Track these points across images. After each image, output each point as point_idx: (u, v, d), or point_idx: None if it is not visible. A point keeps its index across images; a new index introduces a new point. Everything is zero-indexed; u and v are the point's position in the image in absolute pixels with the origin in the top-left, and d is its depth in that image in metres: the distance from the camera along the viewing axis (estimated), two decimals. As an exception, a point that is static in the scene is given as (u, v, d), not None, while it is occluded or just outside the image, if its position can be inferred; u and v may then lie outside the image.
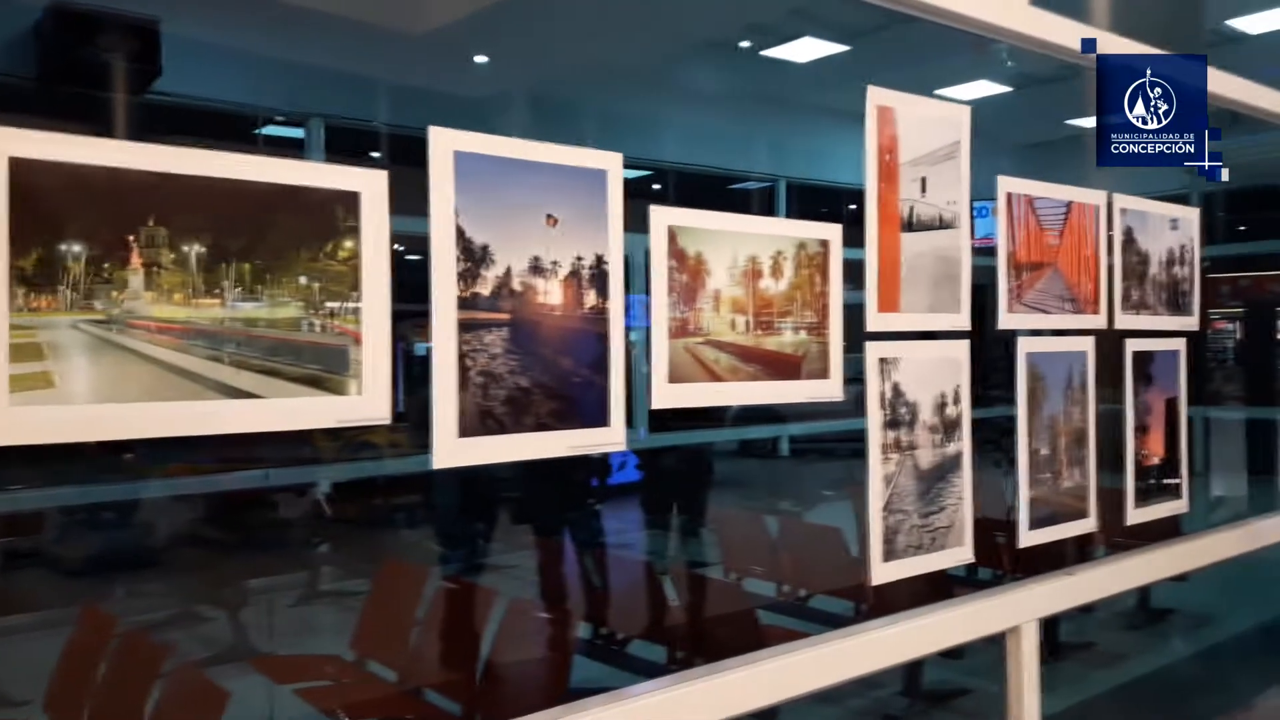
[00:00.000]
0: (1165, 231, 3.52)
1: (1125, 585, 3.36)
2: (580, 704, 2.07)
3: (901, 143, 2.70)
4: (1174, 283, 3.54)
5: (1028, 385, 3.02)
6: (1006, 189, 2.98)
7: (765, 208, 10.92)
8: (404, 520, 5.88)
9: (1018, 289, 3.00)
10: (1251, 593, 4.81)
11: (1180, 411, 3.56)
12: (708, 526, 4.91)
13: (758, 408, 8.47)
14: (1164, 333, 3.50)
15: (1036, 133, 9.95)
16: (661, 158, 11.18)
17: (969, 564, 3.82)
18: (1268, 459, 4.73)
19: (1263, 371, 6.68)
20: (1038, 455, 3.06)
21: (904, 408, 2.70)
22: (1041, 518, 3.05)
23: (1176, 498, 3.52)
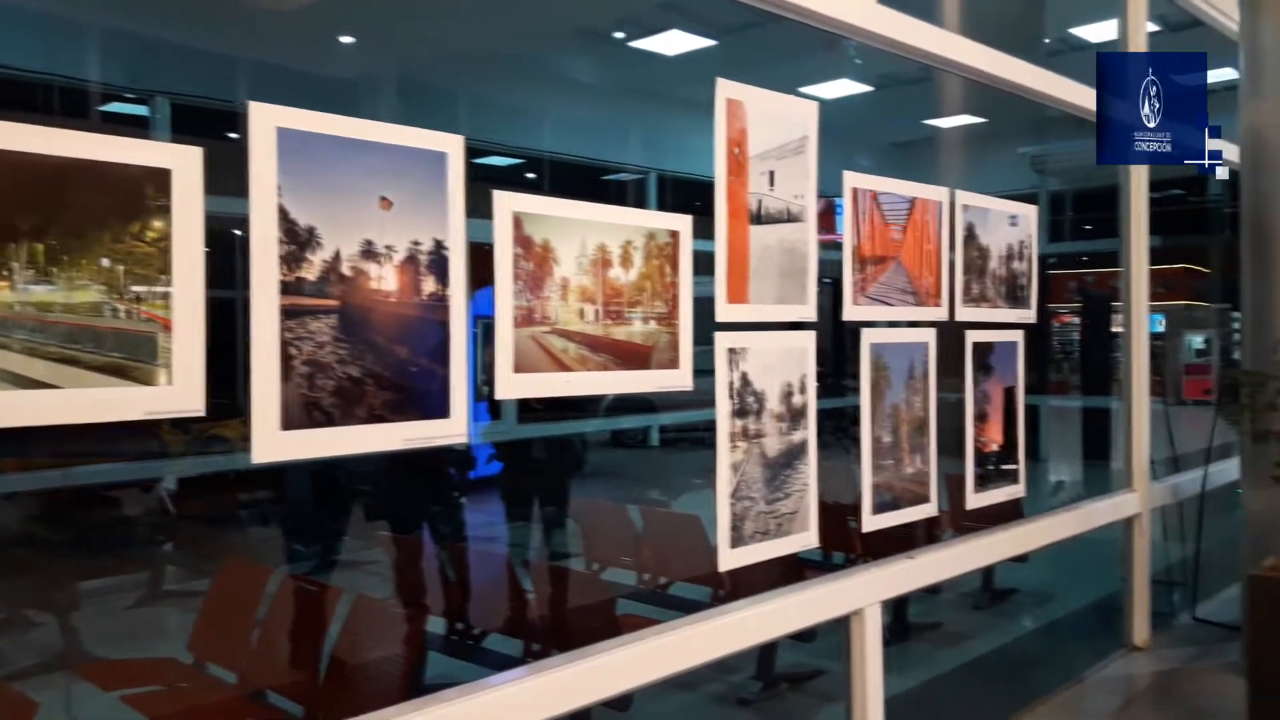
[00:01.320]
0: (1005, 227, 3.68)
1: (965, 567, 3.50)
2: (429, 699, 2.02)
3: (751, 136, 2.73)
4: (1013, 277, 3.71)
5: (871, 375, 3.11)
6: (852, 184, 3.05)
7: (638, 199, 10.97)
8: (256, 516, 5.66)
9: (862, 282, 3.08)
10: (1087, 571, 5.11)
11: (1018, 400, 3.73)
12: (571, 517, 4.90)
13: (630, 397, 8.50)
14: (1003, 325, 3.66)
15: (901, 132, 10.31)
16: (536, 146, 11.08)
17: (830, 549, 3.96)
18: (1103, 445, 5.02)
19: (1100, 363, 7.09)
20: (881, 443, 3.15)
21: (752, 397, 2.73)
22: (884, 503, 3.15)
23: (1014, 483, 3.69)
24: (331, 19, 7.74)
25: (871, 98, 10.62)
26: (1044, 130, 9.10)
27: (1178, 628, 4.69)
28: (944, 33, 3.49)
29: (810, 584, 2.90)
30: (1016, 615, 4.99)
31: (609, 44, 9.49)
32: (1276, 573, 3.41)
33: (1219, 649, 4.28)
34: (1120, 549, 4.42)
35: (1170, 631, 4.62)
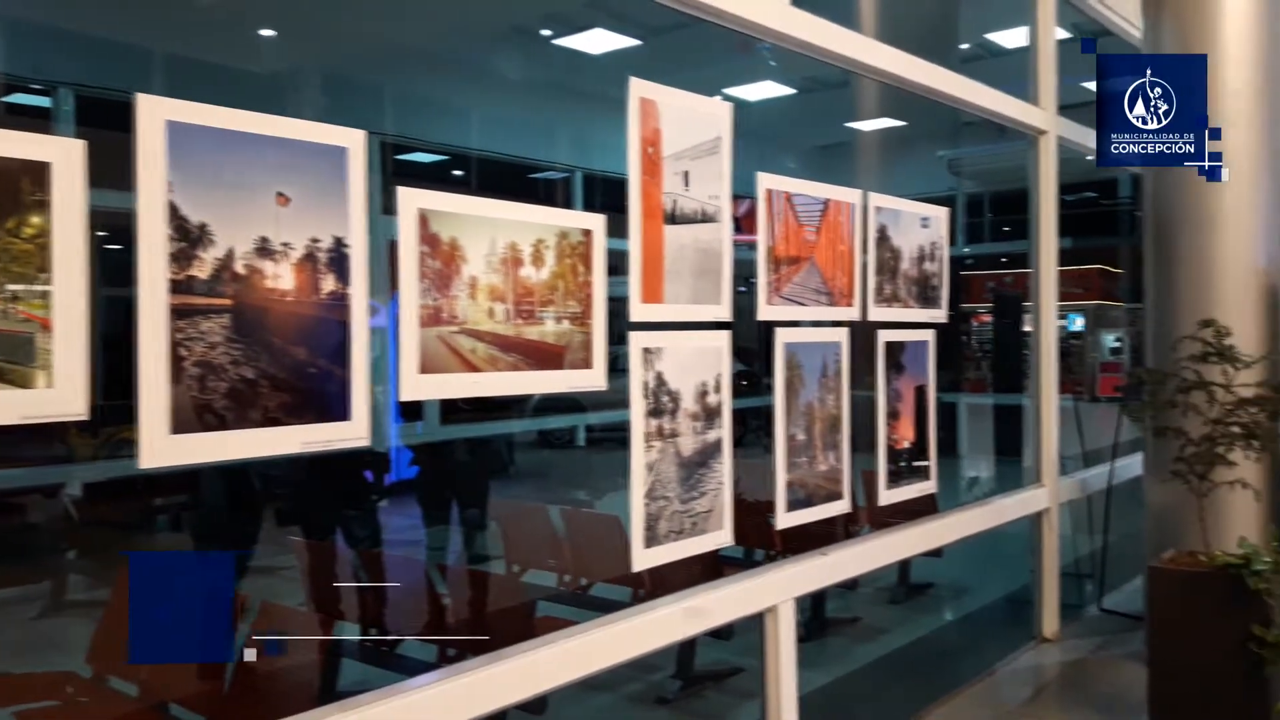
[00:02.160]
0: (917, 229, 3.75)
1: (878, 563, 3.56)
2: (342, 704, 1.99)
3: (665, 136, 2.73)
4: (924, 277, 3.78)
5: (785, 374, 3.14)
6: (766, 185, 3.07)
7: (565, 198, 10.93)
8: (167, 522, 5.49)
9: (776, 282, 3.11)
10: (1001, 565, 5.23)
11: (929, 398, 3.80)
12: (492, 520, 4.85)
13: (557, 397, 8.46)
14: (914, 324, 3.73)
15: (826, 135, 10.43)
16: (463, 144, 10.96)
17: (751, 546, 3.99)
18: (1016, 442, 5.15)
19: (1012, 361, 7.28)
20: (795, 441, 3.18)
21: (666, 396, 2.73)
22: (798, 500, 3.18)
23: (925, 479, 3.76)
24: (252, 12, 7.56)
25: (797, 101, 10.74)
26: (961, 134, 9.32)
27: (1086, 619, 4.83)
28: (859, 37, 3.54)
29: (725, 581, 2.92)
30: (932, 609, 5.09)
31: (536, 41, 9.44)
32: (1175, 565, 3.54)
33: (1124, 639, 4.43)
34: (1030, 543, 4.54)
35: (1079, 622, 4.76)
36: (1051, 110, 4.54)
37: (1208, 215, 3.96)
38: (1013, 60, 4.83)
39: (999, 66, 9.69)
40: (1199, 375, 3.59)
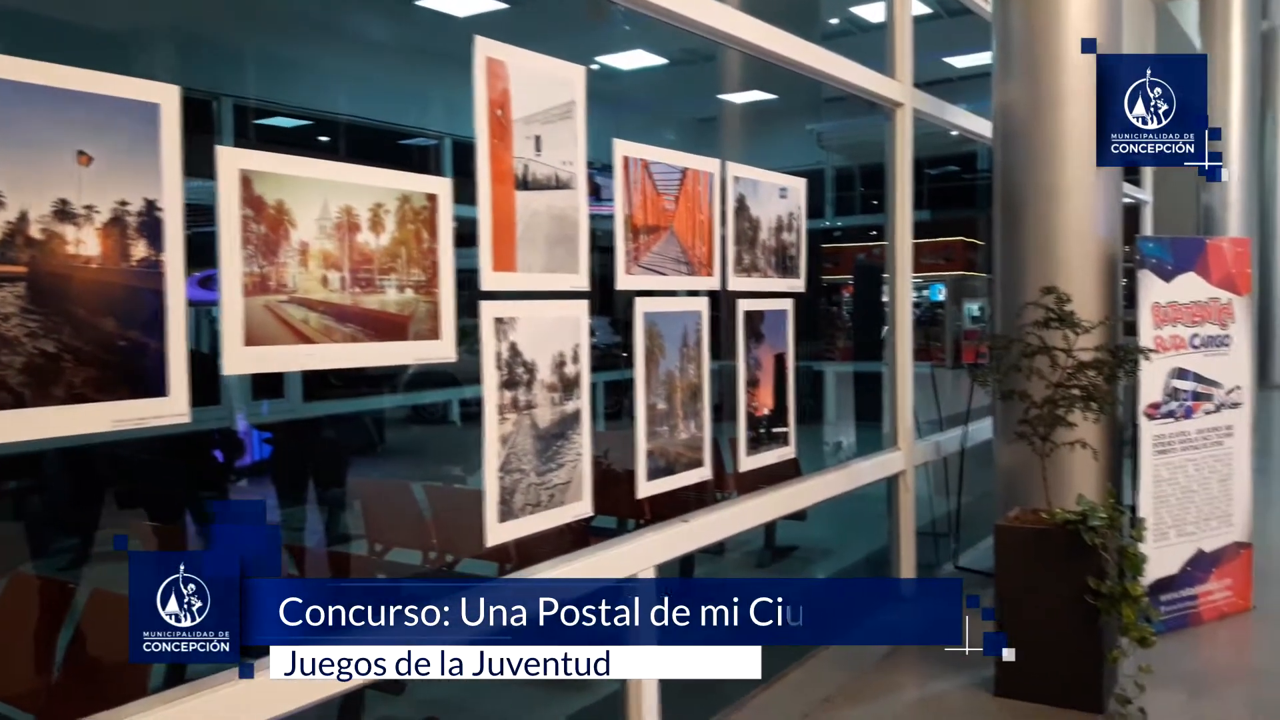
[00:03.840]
0: (775, 199, 3.77)
1: (739, 527, 3.59)
2: (177, 690, 1.89)
3: (514, 99, 2.65)
4: (783, 247, 3.81)
5: (645, 344, 3.13)
6: (622, 153, 3.03)
7: (436, 165, 10.64)
8: (7, 509, 5.13)
9: (635, 251, 3.09)
10: (864, 526, 5.38)
11: (789, 366, 3.86)
12: (354, 499, 4.71)
13: (432, 370, 8.25)
14: (773, 294, 3.76)
15: (706, 107, 10.45)
16: (329, 108, 10.53)
17: (618, 516, 3.98)
18: (875, 407, 5.30)
19: (874, 330, 7.48)
20: (655, 410, 3.18)
21: (522, 368, 2.68)
22: (659, 469, 3.18)
23: (785, 445, 3.82)
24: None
25: (672, 72, 10.71)
26: (832, 108, 9.48)
27: (942, 576, 5.02)
28: (717, 4, 3.52)
29: (585, 552, 2.89)
30: (796, 571, 5.21)
31: (400, 2, 9.13)
32: (1019, 522, 3.70)
33: (975, 593, 4.61)
34: (888, 504, 4.68)
35: (935, 580, 4.95)
36: (907, 83, 4.63)
37: (1052, 188, 4.11)
38: (880, 35, 4.91)
39: (868, 41, 9.83)
40: (1042, 340, 3.75)
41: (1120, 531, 3.52)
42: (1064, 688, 3.43)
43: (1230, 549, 4.38)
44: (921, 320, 12.29)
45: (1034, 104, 4.14)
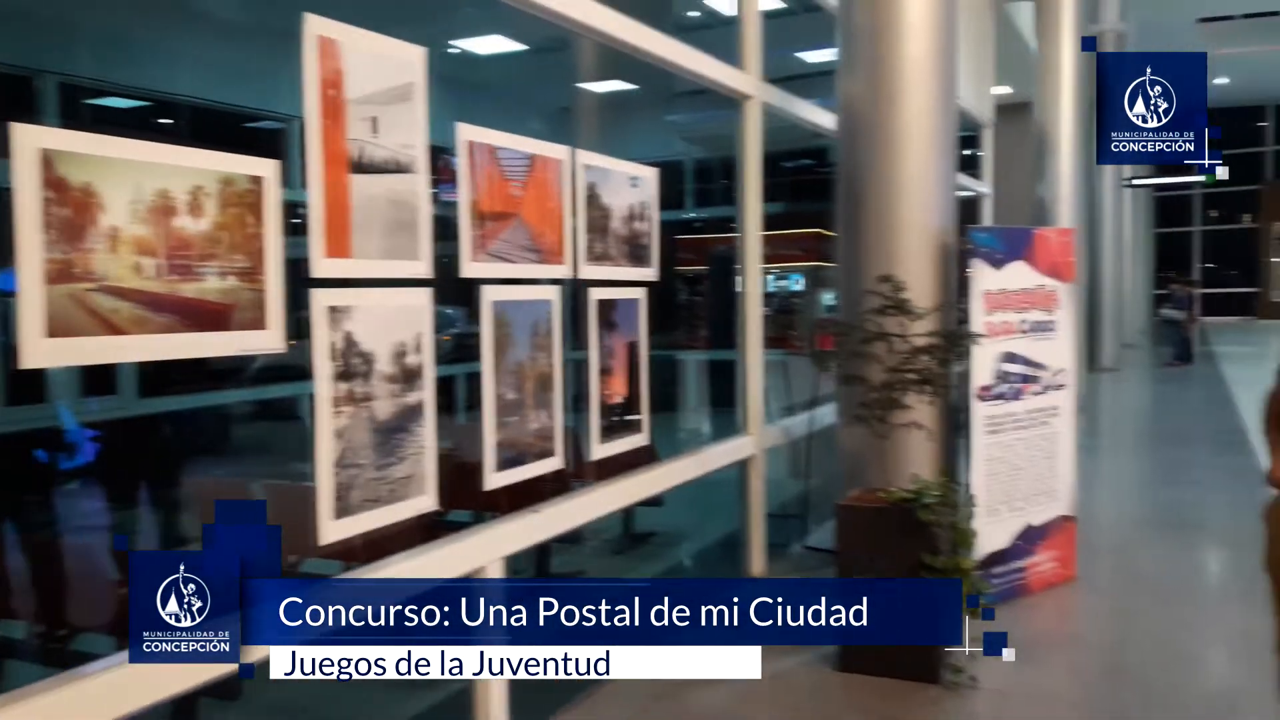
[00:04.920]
0: (627, 189, 3.78)
1: (591, 515, 3.60)
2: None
3: (348, 79, 2.56)
4: (635, 236, 3.83)
5: (494, 333, 3.08)
6: (467, 138, 2.97)
7: (284, 150, 10.23)
8: None
9: (481, 238, 3.03)
10: (720, 510, 5.47)
11: (641, 355, 3.88)
12: (191, 500, 4.49)
13: (283, 362, 7.92)
14: (625, 282, 3.77)
15: (573, 96, 10.37)
16: (169, 89, 9.97)
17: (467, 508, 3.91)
18: (724, 394, 5.41)
19: (725, 319, 7.63)
20: (505, 400, 3.14)
21: (358, 358, 2.60)
22: (509, 459, 3.15)
23: (638, 432, 3.84)
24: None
25: (536, 59, 10.59)
26: (692, 100, 9.58)
27: (791, 556, 5.17)
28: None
29: (429, 546, 2.84)
30: (653, 556, 5.26)
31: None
32: (859, 502, 3.83)
33: (822, 572, 4.76)
34: (739, 488, 4.77)
35: (784, 560, 5.08)
36: (756, 75, 4.72)
37: (891, 181, 4.26)
38: (725, 30, 4.99)
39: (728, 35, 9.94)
40: (880, 327, 3.89)
41: (953, 508, 3.69)
42: (902, 660, 3.58)
43: (1056, 522, 4.66)
44: (781, 309, 12.61)
45: (875, 99, 4.28)
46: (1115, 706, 3.51)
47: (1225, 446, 8.54)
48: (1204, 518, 6.09)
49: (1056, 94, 10.73)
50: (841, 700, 3.52)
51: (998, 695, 3.52)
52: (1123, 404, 12.31)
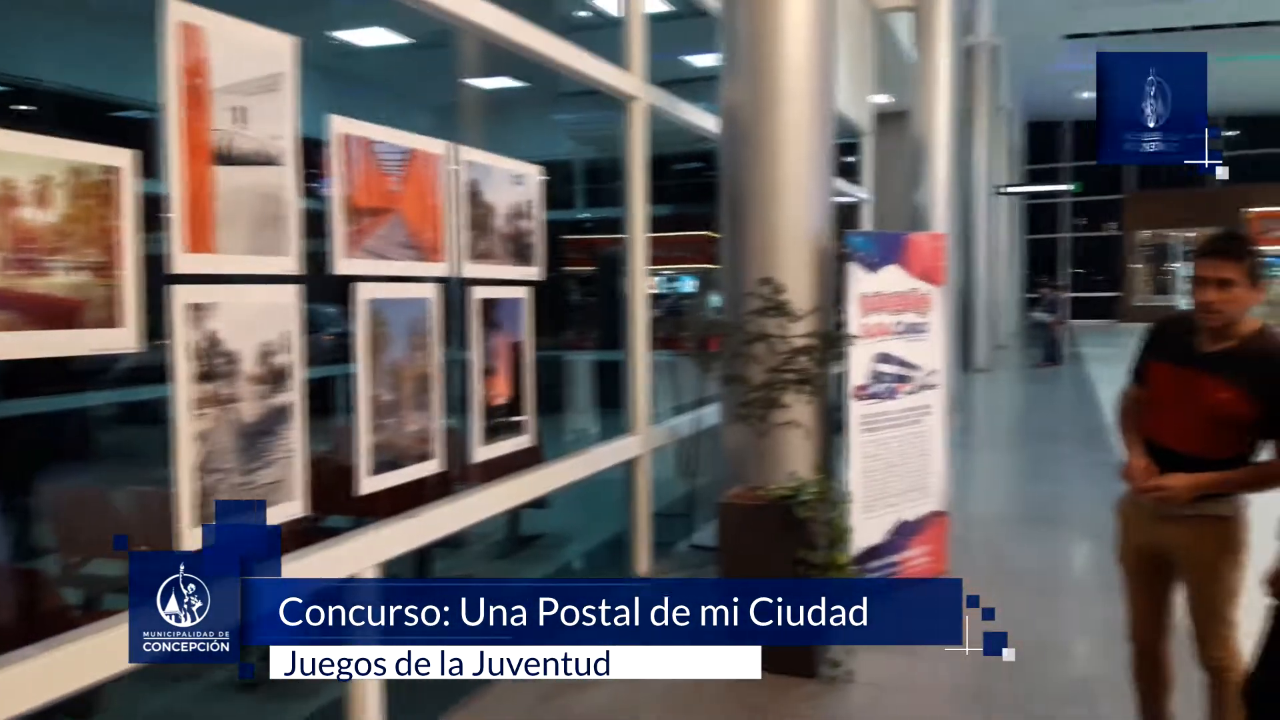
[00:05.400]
0: (510, 186, 3.74)
1: (472, 519, 3.55)
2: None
3: (212, 67, 2.46)
4: (519, 235, 3.79)
5: (369, 332, 3.00)
6: (341, 130, 2.89)
7: (154, 140, 9.78)
8: None
9: (356, 234, 2.95)
10: (608, 511, 5.48)
11: (526, 355, 3.84)
12: (45, 510, 4.24)
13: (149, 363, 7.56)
14: (509, 281, 3.73)
15: (463, 93, 10.17)
16: (30, 74, 9.42)
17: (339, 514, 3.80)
18: (613, 395, 5.41)
19: (614, 320, 7.66)
20: (381, 401, 3.06)
21: (222, 358, 2.49)
22: (386, 462, 3.07)
23: (522, 434, 3.81)
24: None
25: (421, 53, 10.38)
26: (583, 100, 9.56)
27: (677, 555, 5.21)
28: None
29: (300, 553, 2.75)
30: (539, 559, 5.23)
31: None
32: (739, 499, 3.88)
33: (706, 570, 4.82)
34: (626, 488, 4.79)
35: (671, 559, 5.12)
36: (641, 77, 4.74)
37: (772, 185, 4.32)
38: (612, 30, 4.99)
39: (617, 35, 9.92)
40: (760, 328, 3.95)
41: (830, 505, 3.78)
42: (781, 656, 3.64)
43: (928, 518, 4.82)
44: (673, 311, 12.72)
45: (756, 104, 4.34)
46: (985, 695, 3.64)
47: (1090, 443, 8.99)
48: (1069, 512, 6.40)
49: (933, 103, 11.12)
50: (723, 696, 3.56)
51: (874, 688, 3.62)
52: (995, 403, 12.84)
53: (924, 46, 11.18)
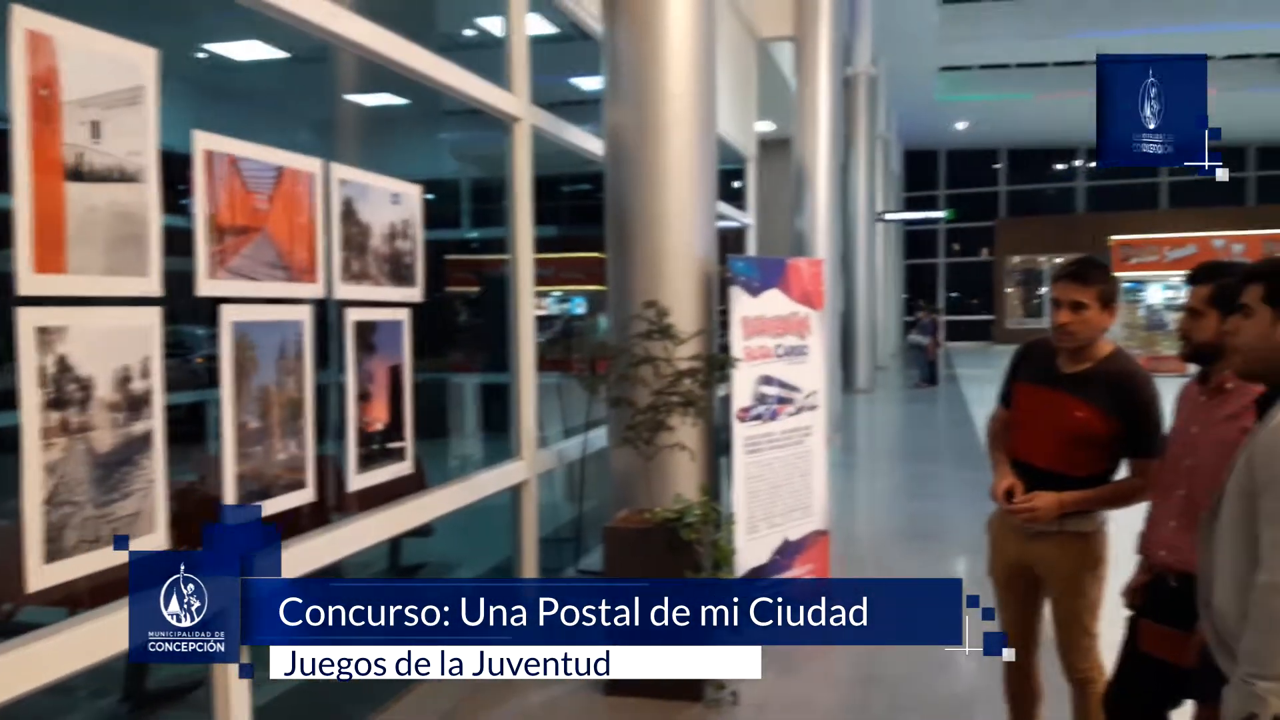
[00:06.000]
0: (387, 205, 3.65)
1: (347, 549, 3.42)
2: None
3: (64, 78, 2.33)
4: (397, 255, 3.70)
5: (234, 356, 2.88)
6: (205, 146, 2.77)
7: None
8: None
9: (220, 254, 2.83)
10: (496, 537, 5.38)
11: (405, 378, 3.75)
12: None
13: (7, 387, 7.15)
14: (387, 303, 3.64)
15: (343, 110, 9.93)
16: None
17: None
18: (500, 418, 5.33)
19: (499, 341, 7.58)
20: (247, 428, 2.94)
21: (74, 384, 2.35)
22: (253, 492, 2.94)
23: (401, 460, 3.71)
24: None
25: (300, 68, 10.12)
26: (466, 119, 9.46)
27: (563, 578, 5.16)
28: (325, 2, 3.34)
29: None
30: (421, 589, 5.09)
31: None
32: (626, 523, 3.87)
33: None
34: (512, 514, 4.71)
35: (558, 585, 5.06)
36: (524, 98, 4.72)
37: (656, 210, 4.35)
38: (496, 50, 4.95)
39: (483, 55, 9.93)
40: (646, 351, 3.96)
41: (714, 527, 3.80)
42: (666, 680, 3.62)
43: (811, 536, 4.90)
44: (564, 333, 12.69)
45: (640, 129, 4.37)
46: (866, 711, 3.71)
47: (965, 461, 9.33)
48: (945, 529, 6.62)
49: (814, 131, 11.44)
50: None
51: (756, 708, 3.64)
52: (875, 423, 13.22)
53: (804, 75, 11.49)
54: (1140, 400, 2.67)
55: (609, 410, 4.39)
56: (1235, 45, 20.30)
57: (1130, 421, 2.66)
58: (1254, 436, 1.85)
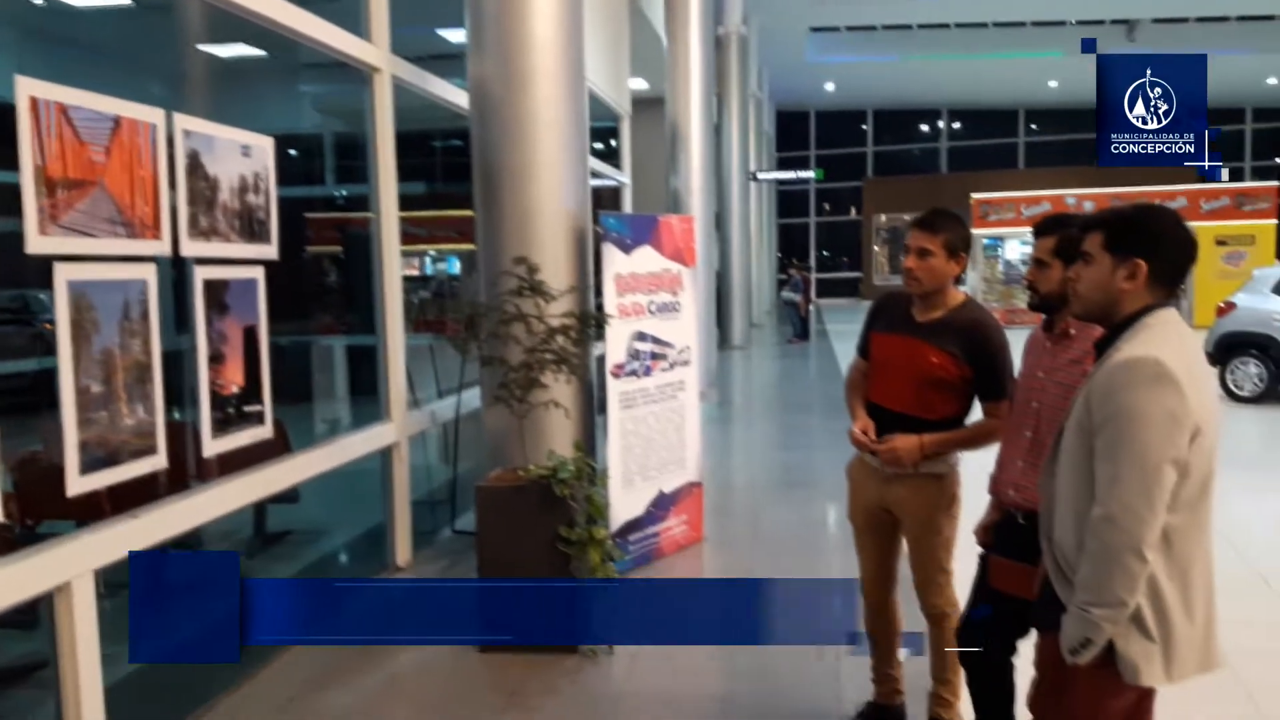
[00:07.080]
0: (237, 158, 3.47)
1: (205, 516, 3.29)
2: None
3: None
4: (248, 211, 3.53)
5: (71, 317, 2.70)
6: (30, 93, 2.57)
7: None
8: None
9: (52, 208, 2.64)
10: (367, 502, 5.26)
11: (261, 339, 3.59)
12: None
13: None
14: (239, 260, 3.47)
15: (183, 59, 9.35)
16: None
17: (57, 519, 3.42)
18: (370, 381, 5.19)
19: (367, 302, 7.37)
20: (89, 393, 2.77)
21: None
22: (98, 459, 2.78)
23: (260, 424, 3.57)
24: None
25: (150, 15, 9.50)
26: (329, 71, 9.05)
27: (439, 542, 5.10)
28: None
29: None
30: (287, 556, 4.95)
31: None
32: (499, 481, 3.84)
33: (468, 555, 4.74)
34: (382, 477, 4.62)
35: (433, 547, 5.00)
36: (385, 48, 4.55)
37: (526, 164, 4.26)
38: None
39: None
40: (517, 308, 3.90)
41: (588, 482, 3.80)
42: (542, 633, 3.63)
43: (685, 489, 4.97)
44: (439, 293, 12.41)
45: (506, 81, 4.26)
46: (732, 658, 3.79)
47: (834, 413, 9.60)
48: (814, 478, 6.81)
49: (686, 90, 11.45)
50: (481, 681, 3.52)
51: (630, 658, 3.68)
52: (749, 378, 13.48)
53: (675, 33, 11.47)
54: (991, 346, 2.79)
55: (481, 370, 4.32)
56: (1086, 11, 21.25)
57: (982, 366, 2.78)
58: (1091, 377, 1.95)
